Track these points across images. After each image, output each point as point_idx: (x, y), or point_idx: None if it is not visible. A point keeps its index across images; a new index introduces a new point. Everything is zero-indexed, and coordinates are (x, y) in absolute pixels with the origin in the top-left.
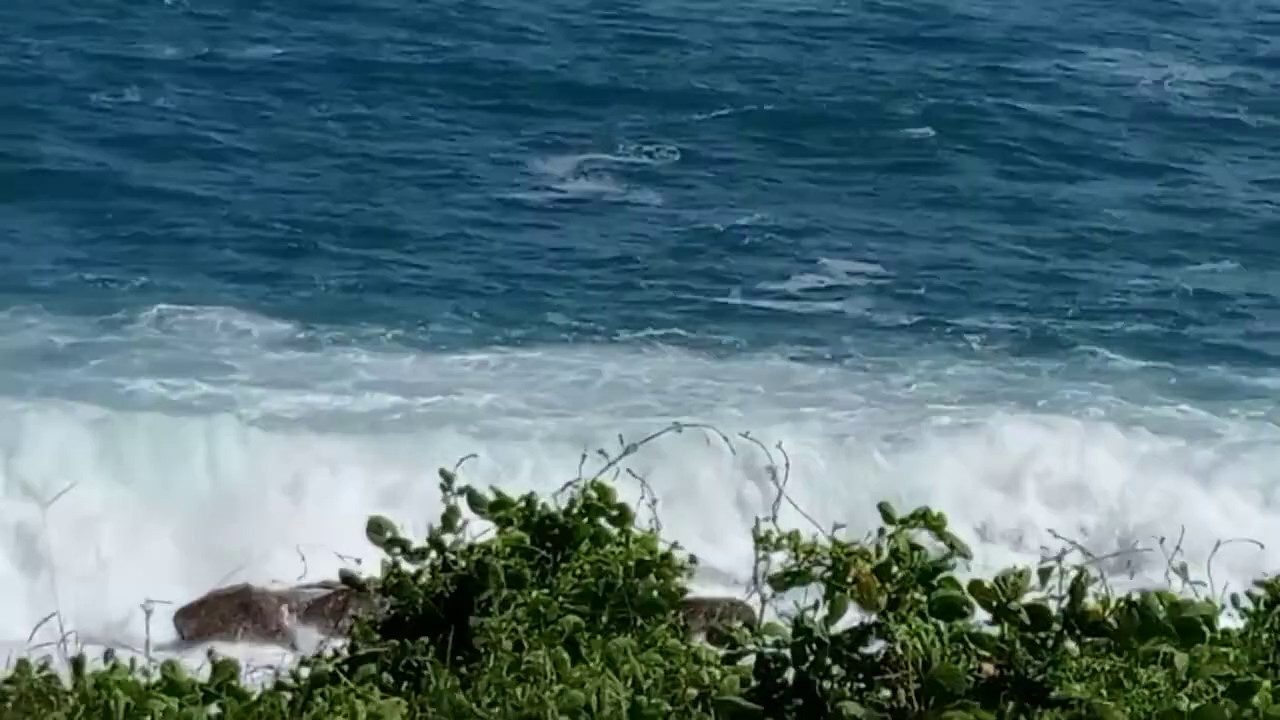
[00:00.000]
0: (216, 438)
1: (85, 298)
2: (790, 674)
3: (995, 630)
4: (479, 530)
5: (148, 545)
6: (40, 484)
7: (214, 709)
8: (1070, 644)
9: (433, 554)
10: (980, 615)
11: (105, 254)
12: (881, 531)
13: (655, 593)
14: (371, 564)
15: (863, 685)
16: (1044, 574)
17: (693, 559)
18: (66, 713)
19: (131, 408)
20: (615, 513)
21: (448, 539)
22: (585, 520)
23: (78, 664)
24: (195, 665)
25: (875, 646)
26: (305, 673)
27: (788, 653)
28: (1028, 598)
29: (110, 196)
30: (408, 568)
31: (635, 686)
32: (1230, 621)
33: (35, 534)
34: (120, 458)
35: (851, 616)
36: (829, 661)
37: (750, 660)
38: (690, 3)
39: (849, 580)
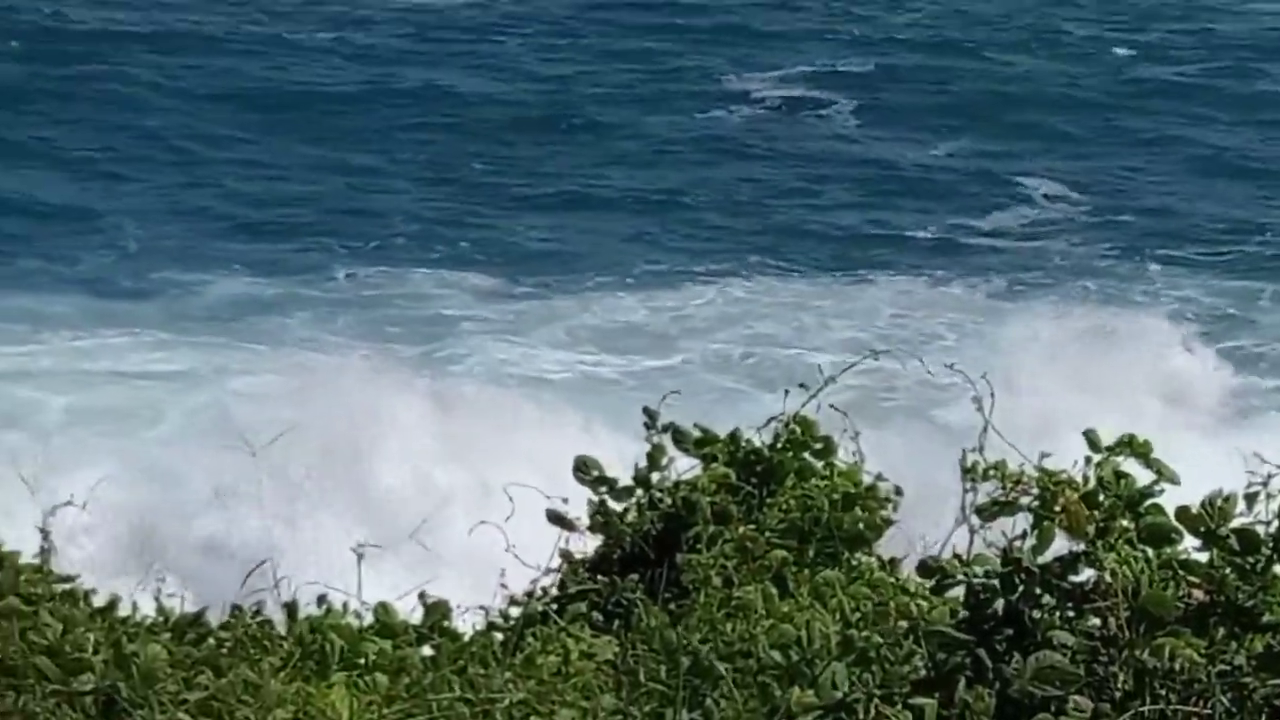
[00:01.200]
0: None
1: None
2: (999, 604)
3: (1204, 556)
4: (684, 468)
5: (354, 490)
6: (250, 431)
7: (427, 650)
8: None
9: (639, 492)
10: (1189, 541)
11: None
12: (1088, 460)
13: (861, 525)
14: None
15: (1072, 614)
16: (1250, 498)
17: (898, 490)
18: (281, 657)
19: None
20: (819, 446)
21: (654, 477)
22: (790, 455)
23: (291, 609)
24: (408, 608)
25: (1084, 575)
26: (516, 612)
27: (997, 583)
28: (1235, 522)
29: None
30: (615, 506)
31: (844, 620)
32: None
33: (246, 480)
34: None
35: (1059, 545)
36: (1038, 590)
37: (959, 591)
38: None
39: (1057, 509)
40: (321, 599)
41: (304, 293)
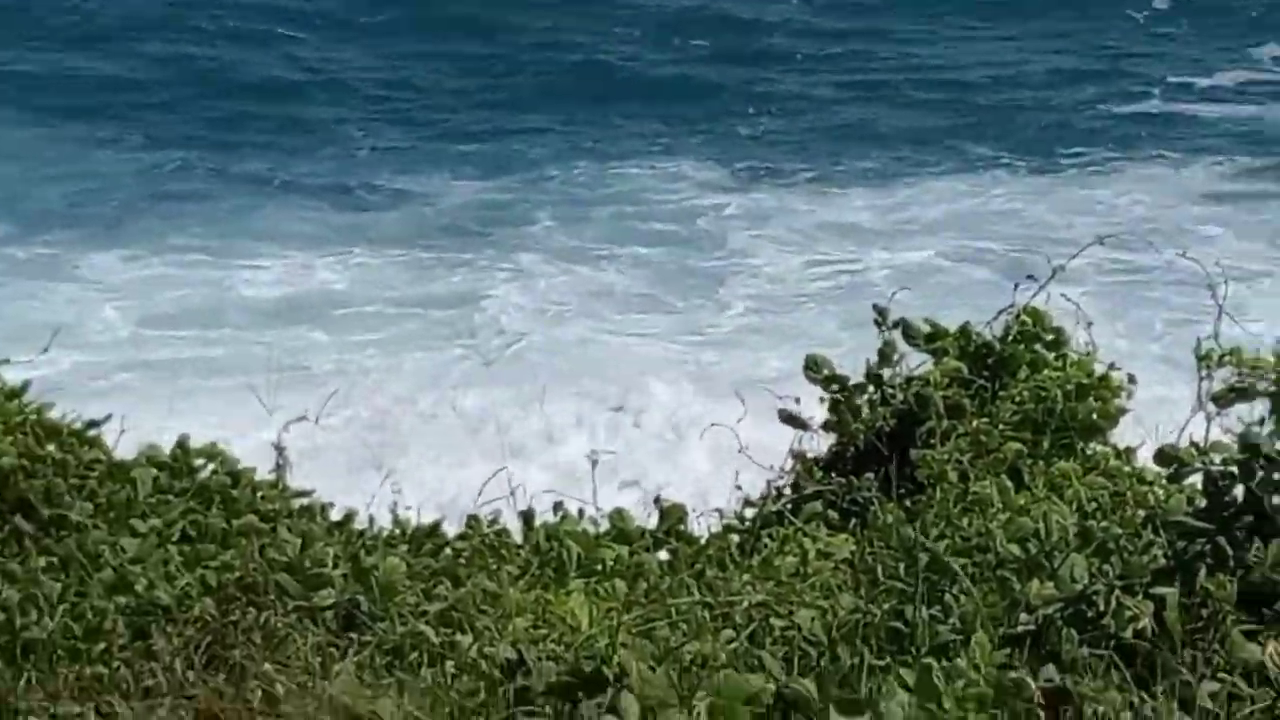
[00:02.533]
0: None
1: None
2: (1238, 491)
3: None
4: (916, 363)
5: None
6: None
7: (664, 555)
8: None
9: (870, 389)
10: None
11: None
12: None
13: (1095, 415)
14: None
15: None
16: None
17: (1131, 379)
18: (519, 566)
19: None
20: (1051, 337)
21: (885, 373)
22: (1021, 346)
23: (528, 517)
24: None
25: None
26: (751, 514)
27: (1235, 469)
28: None
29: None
30: (847, 404)
31: (1081, 511)
32: None
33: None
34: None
35: None
36: (1278, 477)
37: (1197, 479)
38: None
39: None
40: (557, 506)
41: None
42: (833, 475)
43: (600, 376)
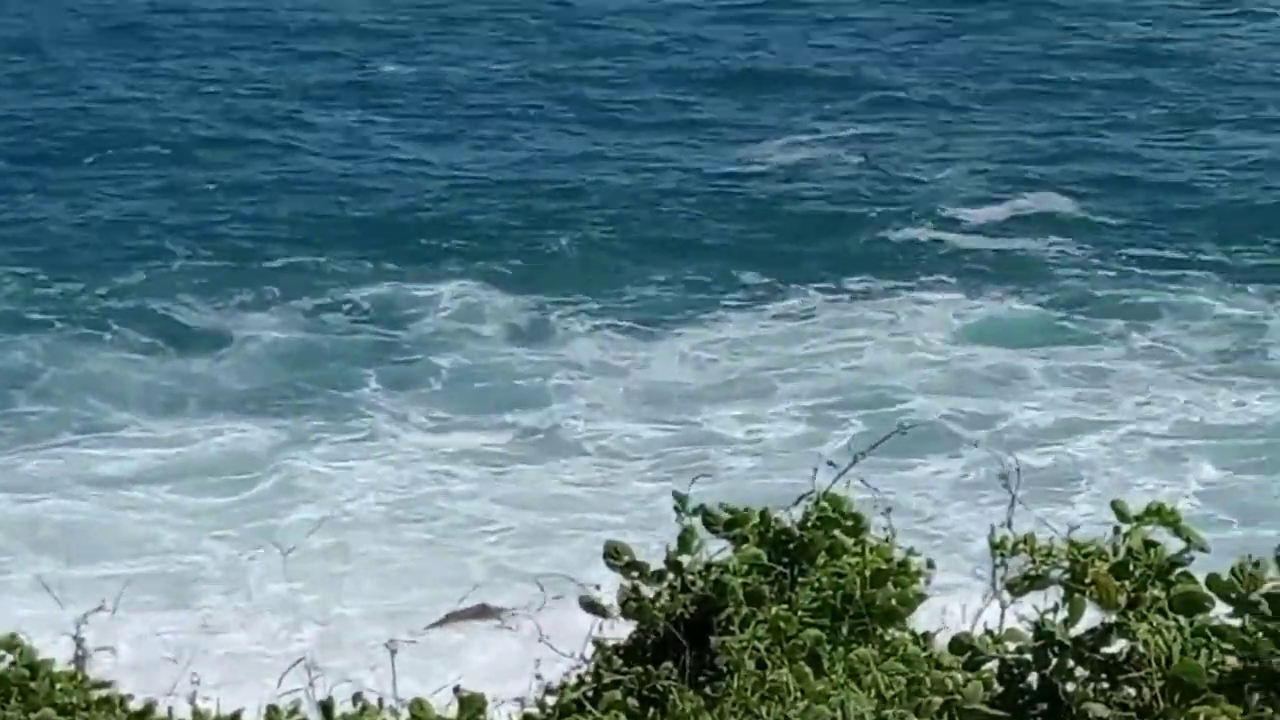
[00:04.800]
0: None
1: None
2: (1033, 678)
3: (1237, 622)
4: (715, 550)
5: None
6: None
7: None
8: None
9: (670, 575)
10: (1221, 608)
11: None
12: (1116, 530)
13: (894, 600)
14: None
15: (1106, 685)
16: None
17: (930, 564)
18: None
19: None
20: (850, 523)
21: (685, 560)
22: (820, 533)
23: (327, 708)
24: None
25: (1117, 646)
26: (552, 701)
27: (1030, 657)
28: (1267, 587)
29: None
30: (647, 591)
31: (879, 697)
32: None
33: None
34: None
35: (1091, 617)
36: (1071, 663)
37: (993, 666)
38: None
39: (1087, 581)
40: (356, 696)
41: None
42: (633, 663)
43: None
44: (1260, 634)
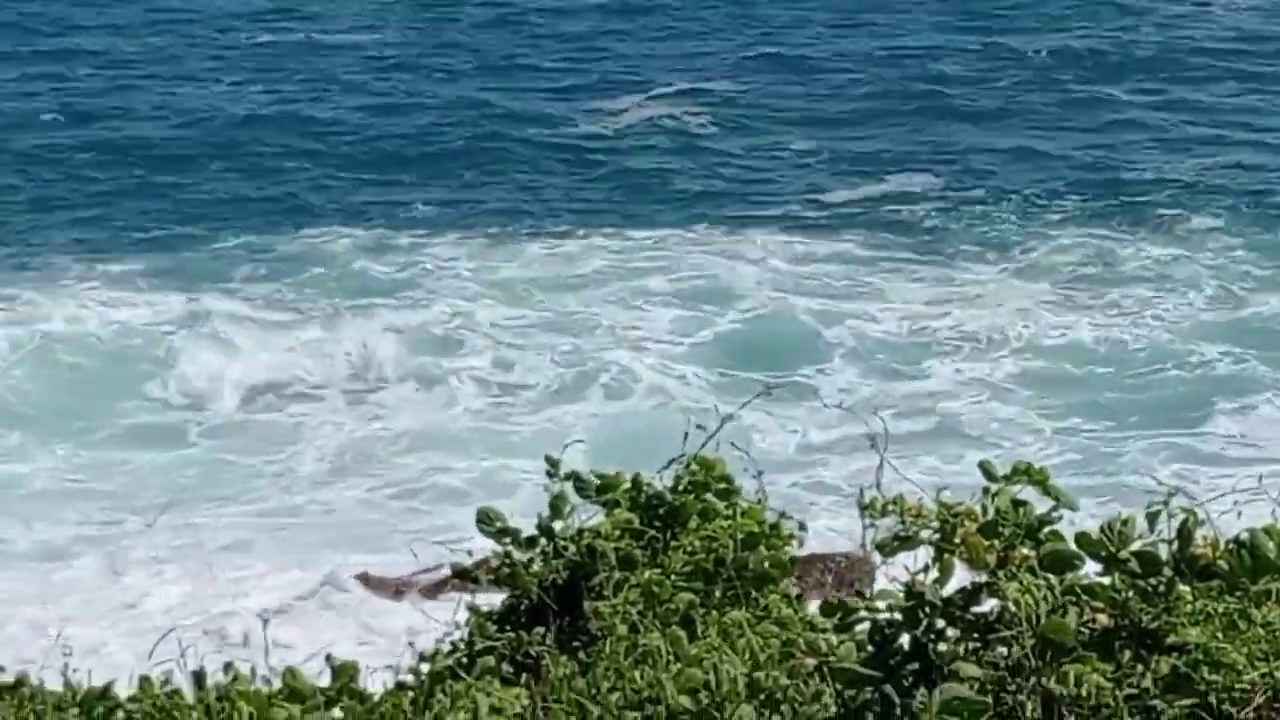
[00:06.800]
0: None
1: None
2: (905, 638)
3: (1107, 580)
4: (588, 515)
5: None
6: None
7: (337, 713)
8: (1183, 588)
9: (543, 541)
10: (1090, 566)
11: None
12: (986, 490)
13: (766, 564)
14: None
15: (977, 645)
16: (1151, 519)
17: (802, 526)
18: None
19: None
20: (722, 486)
21: (557, 525)
22: (692, 496)
23: (199, 677)
24: (316, 669)
25: (987, 605)
26: (425, 669)
27: (900, 617)
28: (1136, 544)
29: None
30: (520, 556)
31: (752, 660)
32: None
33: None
34: None
35: (962, 577)
36: (942, 624)
37: (865, 626)
38: None
39: (956, 541)
40: (228, 666)
41: None
42: (506, 629)
43: None
44: (1129, 591)
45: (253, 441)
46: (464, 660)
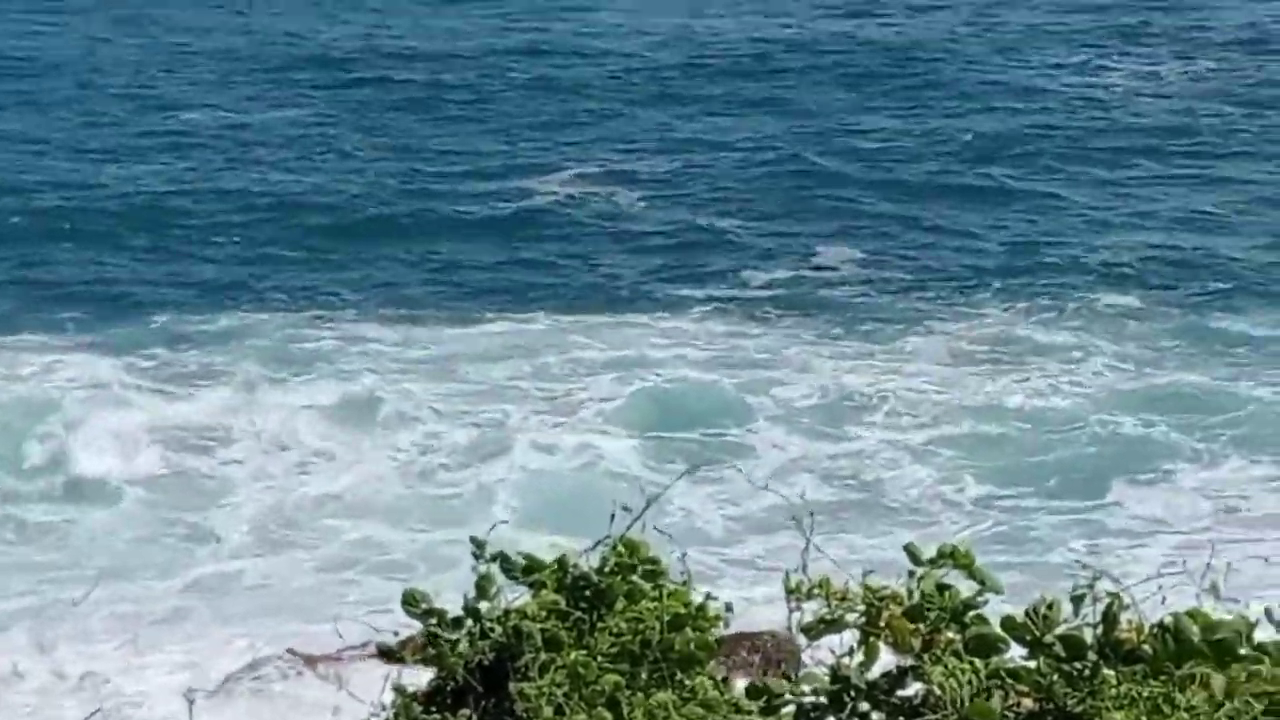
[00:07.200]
0: None
1: None
2: None
3: (1032, 664)
4: (515, 595)
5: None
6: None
7: None
8: (1108, 672)
9: (469, 622)
10: (1016, 650)
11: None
12: (911, 574)
13: (693, 645)
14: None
15: None
16: (1076, 602)
17: (728, 607)
18: None
19: None
20: (648, 567)
21: (483, 606)
22: (618, 578)
23: None
24: None
25: (913, 689)
26: None
27: (826, 700)
28: (1061, 628)
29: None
30: (446, 637)
31: None
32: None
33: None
34: None
35: (888, 660)
36: (867, 707)
37: (791, 710)
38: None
39: (882, 625)
40: None
41: None
42: (432, 710)
43: None
44: (1055, 675)
45: (173, 510)
46: None
